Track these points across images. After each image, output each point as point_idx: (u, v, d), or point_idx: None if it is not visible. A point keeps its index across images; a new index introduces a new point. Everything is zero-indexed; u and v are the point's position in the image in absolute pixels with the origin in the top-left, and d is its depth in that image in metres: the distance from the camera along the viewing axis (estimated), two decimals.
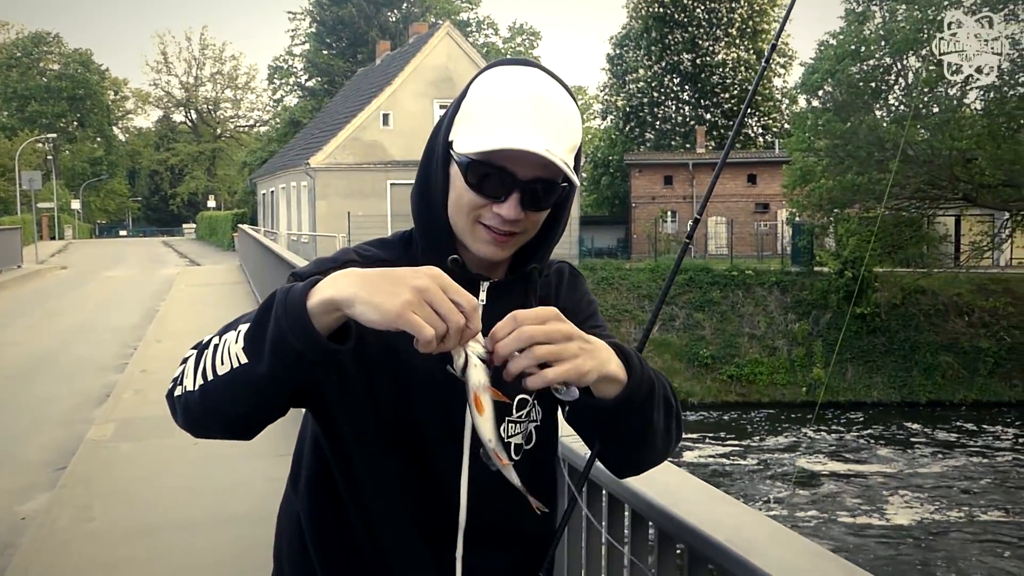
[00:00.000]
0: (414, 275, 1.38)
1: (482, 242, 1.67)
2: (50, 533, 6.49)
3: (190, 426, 1.57)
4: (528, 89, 1.62)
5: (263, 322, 1.42)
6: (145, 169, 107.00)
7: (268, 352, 1.41)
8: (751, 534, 1.74)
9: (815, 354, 31.43)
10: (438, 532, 1.71)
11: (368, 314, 1.36)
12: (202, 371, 1.49)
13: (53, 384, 12.88)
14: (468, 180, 1.62)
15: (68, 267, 38.38)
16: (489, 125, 1.60)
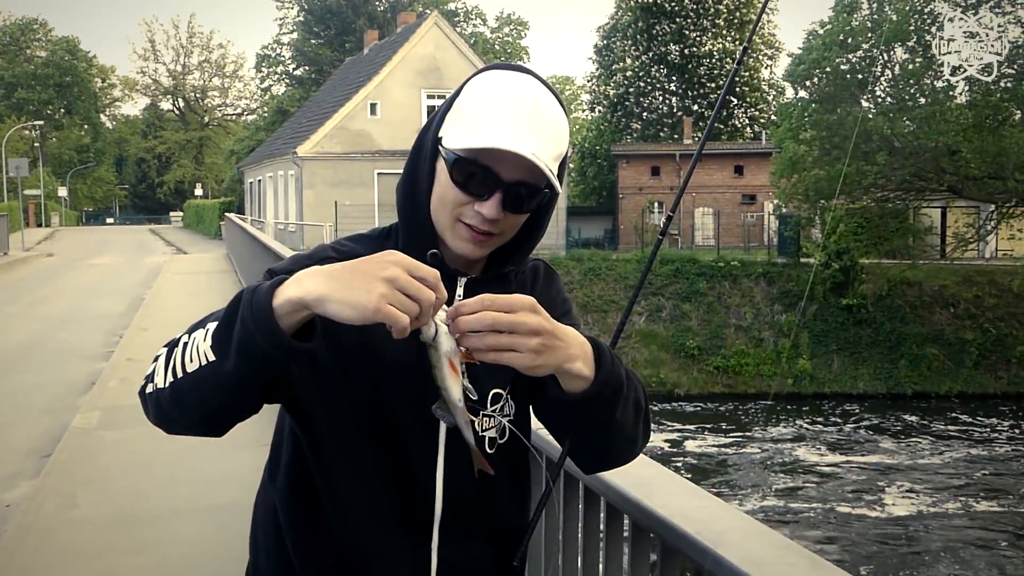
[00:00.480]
0: (380, 266, 1.40)
1: (461, 239, 1.69)
2: (34, 521, 6.50)
3: (162, 423, 1.59)
4: (520, 94, 1.65)
5: (230, 321, 1.44)
6: (132, 157, 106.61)
7: (235, 351, 1.43)
8: (721, 526, 1.77)
9: (801, 345, 31.52)
10: (414, 524, 1.73)
11: (344, 312, 1.38)
12: (172, 368, 1.51)
13: (38, 372, 12.86)
14: (453, 176, 1.64)
15: (54, 255, 38.27)
16: (478, 125, 1.62)
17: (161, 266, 30.34)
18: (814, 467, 23.51)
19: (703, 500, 1.93)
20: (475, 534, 1.78)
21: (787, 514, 20.10)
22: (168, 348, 1.56)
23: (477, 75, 1.73)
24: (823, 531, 19.07)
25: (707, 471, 23.19)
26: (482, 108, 1.64)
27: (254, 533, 1.90)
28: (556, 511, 2.39)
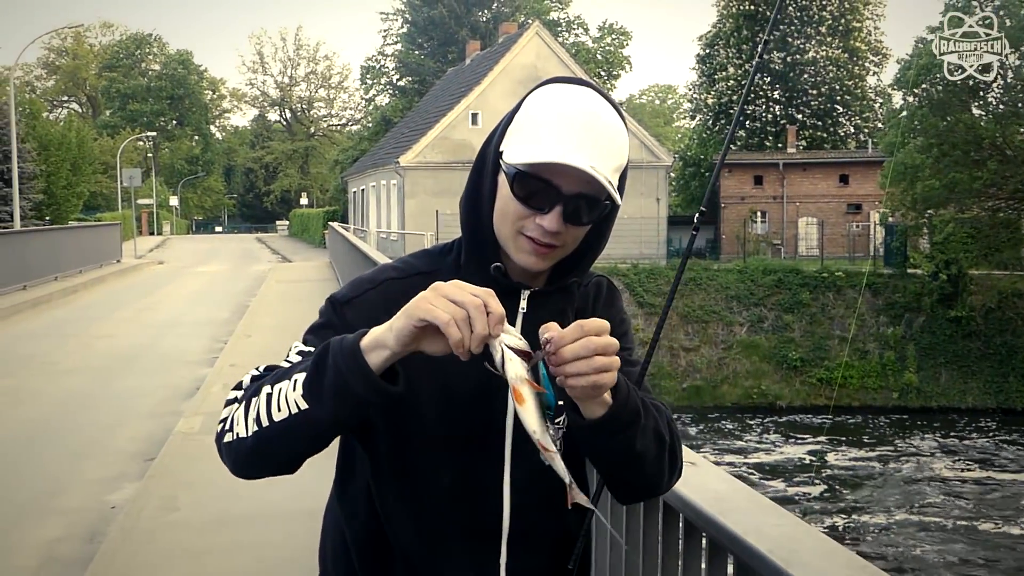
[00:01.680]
0: (432, 291, 1.49)
1: (523, 252, 1.70)
2: (136, 522, 6.67)
3: (240, 469, 1.65)
4: (579, 107, 1.67)
5: (321, 371, 1.51)
6: (240, 167, 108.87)
7: (329, 398, 1.50)
8: (796, 546, 1.74)
9: (907, 358, 30.82)
10: (482, 536, 1.76)
11: (401, 326, 1.48)
12: (255, 418, 1.56)
13: (145, 376, 13.20)
14: (514, 190, 1.66)
15: (164, 262, 39.26)
16: (538, 138, 1.64)
17: (266, 274, 30.91)
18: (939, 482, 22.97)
19: (780, 518, 1.89)
20: (540, 544, 1.81)
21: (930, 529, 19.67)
22: (245, 398, 1.60)
23: (537, 89, 1.75)
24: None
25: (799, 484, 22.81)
26: (541, 122, 1.66)
27: (323, 547, 1.95)
28: (606, 524, 2.41)
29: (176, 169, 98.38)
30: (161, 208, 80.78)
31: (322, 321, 1.71)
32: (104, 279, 28.81)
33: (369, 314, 1.66)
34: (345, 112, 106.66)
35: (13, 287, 22.82)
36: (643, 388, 1.77)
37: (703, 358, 31.79)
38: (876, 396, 30.34)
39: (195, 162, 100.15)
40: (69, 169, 46.49)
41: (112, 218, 47.92)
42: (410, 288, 1.63)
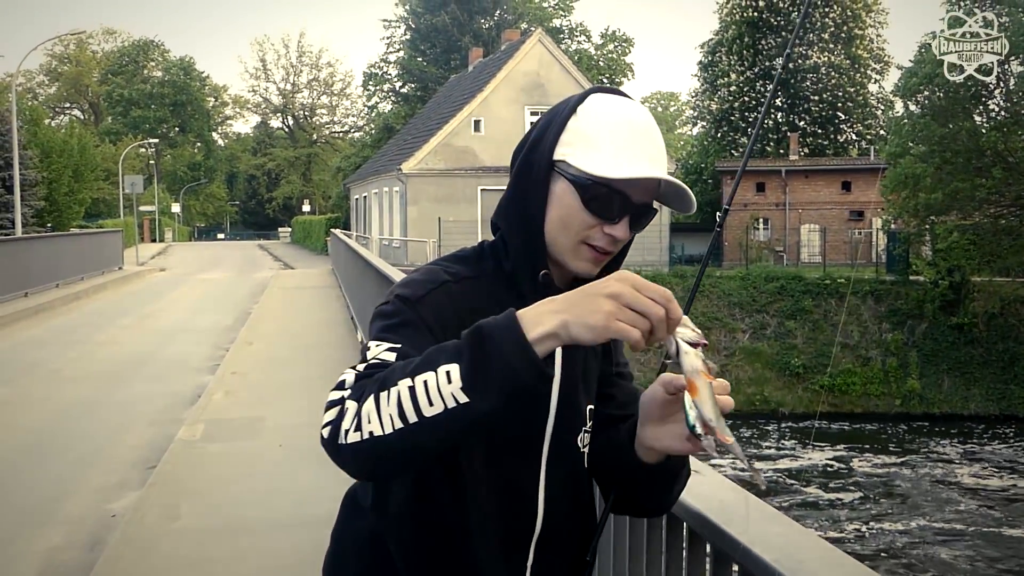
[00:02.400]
0: (604, 284, 1.46)
1: (583, 260, 1.75)
2: (137, 531, 6.66)
3: (371, 469, 1.54)
4: (639, 119, 1.74)
5: (482, 362, 1.45)
6: (243, 173, 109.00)
7: (495, 390, 1.45)
8: (801, 555, 1.72)
9: (910, 365, 30.80)
10: (516, 540, 1.79)
11: (582, 334, 1.45)
12: (397, 415, 1.46)
13: (146, 384, 13.19)
14: (585, 200, 1.70)
15: (166, 269, 39.28)
16: (613, 150, 1.69)
17: (268, 281, 30.92)
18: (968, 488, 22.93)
19: (785, 527, 1.88)
20: (562, 546, 1.85)
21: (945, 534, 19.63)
22: (368, 395, 1.50)
23: (588, 97, 1.77)
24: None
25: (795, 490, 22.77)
26: (608, 132, 1.71)
27: (339, 564, 1.90)
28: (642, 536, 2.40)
29: (178, 176, 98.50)
30: (163, 215, 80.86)
31: (400, 320, 1.64)
32: (106, 286, 28.81)
33: (439, 313, 1.66)
34: (347, 119, 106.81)
35: (14, 294, 22.82)
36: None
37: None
38: (879, 403, 30.30)
39: (197, 169, 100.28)
40: (71, 176, 46.50)
41: (114, 225, 47.92)
42: (468, 291, 1.71)
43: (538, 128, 1.79)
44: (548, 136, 1.75)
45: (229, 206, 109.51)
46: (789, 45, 2.16)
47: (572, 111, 1.75)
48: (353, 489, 1.91)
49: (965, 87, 30.86)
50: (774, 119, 57.81)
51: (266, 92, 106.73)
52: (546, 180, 1.73)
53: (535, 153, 1.76)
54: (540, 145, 1.75)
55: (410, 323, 1.63)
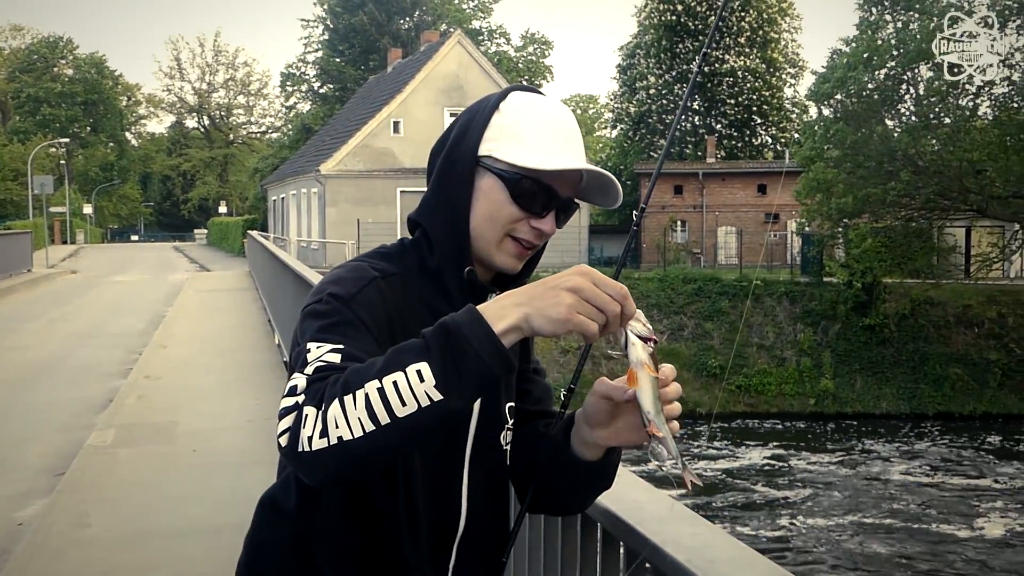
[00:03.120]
0: (565, 278, 1.51)
1: (508, 254, 1.78)
2: (45, 539, 6.49)
3: (338, 474, 1.49)
4: (562, 115, 1.79)
5: (453, 358, 1.45)
6: (157, 174, 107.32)
7: (470, 385, 1.46)
8: (713, 555, 1.72)
9: (823, 365, 31.33)
10: (441, 540, 1.79)
11: (543, 326, 1.48)
12: (368, 416, 1.43)
13: (56, 389, 12.89)
14: (513, 194, 1.72)
15: (78, 271, 38.47)
16: (540, 145, 1.72)
17: (183, 283, 30.46)
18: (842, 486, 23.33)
19: (697, 527, 1.88)
20: (481, 545, 1.86)
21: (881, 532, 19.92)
22: (331, 399, 1.46)
23: (510, 95, 1.80)
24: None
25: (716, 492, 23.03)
26: (532, 128, 1.74)
27: (257, 568, 1.85)
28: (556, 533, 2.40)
29: (90, 176, 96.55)
30: (74, 216, 79.21)
31: (337, 319, 1.60)
32: (14, 289, 28.11)
33: (372, 310, 1.65)
34: (265, 119, 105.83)
35: None
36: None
37: (624, 366, 31.81)
38: (794, 403, 30.77)
39: (110, 169, 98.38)
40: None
41: (23, 226, 46.77)
42: (396, 288, 1.70)
43: (459, 125, 1.80)
44: (471, 133, 1.76)
45: (143, 207, 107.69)
46: (704, 46, 2.22)
47: (494, 108, 1.77)
48: (271, 492, 1.86)
49: (877, 91, 31.53)
50: (691, 122, 58.48)
51: (181, 91, 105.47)
52: (471, 176, 1.74)
53: (459, 150, 1.76)
54: (463, 142, 1.76)
55: (348, 322, 1.61)
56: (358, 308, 1.63)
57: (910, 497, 22.53)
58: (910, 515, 21.18)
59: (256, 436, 9.20)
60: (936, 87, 30.66)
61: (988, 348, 31.22)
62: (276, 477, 1.88)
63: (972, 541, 19.57)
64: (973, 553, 18.91)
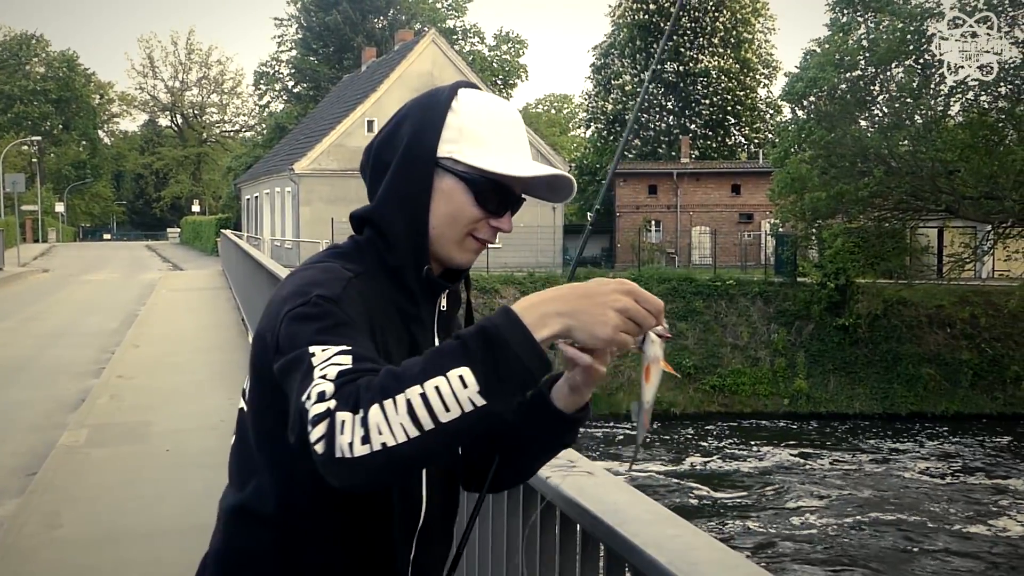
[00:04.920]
0: (612, 296, 1.53)
1: (468, 252, 1.81)
2: (16, 539, 6.43)
3: (378, 480, 1.48)
4: (514, 115, 1.82)
5: (500, 364, 1.46)
6: (130, 173, 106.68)
7: (511, 390, 1.47)
8: (695, 557, 1.71)
9: (797, 365, 31.47)
10: (405, 533, 1.78)
11: (585, 341, 1.54)
12: (412, 422, 1.42)
13: (28, 388, 12.78)
14: (477, 197, 1.75)
15: (50, 271, 38.21)
16: (502, 148, 1.76)
17: (156, 282, 30.30)
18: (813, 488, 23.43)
19: (678, 528, 1.87)
20: (439, 538, 1.88)
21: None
22: (369, 403, 1.43)
23: (459, 95, 1.79)
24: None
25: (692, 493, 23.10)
26: (491, 129, 1.77)
27: (229, 565, 1.81)
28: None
29: (63, 174, 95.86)
30: (46, 215, 78.64)
31: (334, 320, 1.57)
32: None
33: (357, 310, 1.63)
34: (238, 118, 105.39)
35: None
36: None
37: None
38: (768, 403, 30.89)
39: (83, 167, 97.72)
40: None
41: None
42: (365, 288, 1.68)
43: (410, 122, 1.79)
44: (428, 132, 1.76)
45: (116, 206, 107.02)
46: (660, 49, 2.27)
47: (447, 107, 1.77)
48: (240, 501, 1.79)
49: (850, 92, 31.69)
50: (666, 122, 58.65)
51: (154, 90, 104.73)
52: (430, 176, 1.75)
53: (416, 149, 1.76)
54: (420, 141, 1.76)
55: (344, 322, 1.58)
56: (347, 308, 1.61)
57: (887, 495, 22.67)
58: (886, 513, 21.31)
59: (229, 435, 9.10)
60: (908, 87, 30.85)
61: (960, 348, 31.45)
62: (235, 485, 1.82)
63: (949, 539, 19.72)
64: (956, 549, 19.06)
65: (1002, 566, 18.40)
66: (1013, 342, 31.40)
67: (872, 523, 20.64)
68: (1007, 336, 31.50)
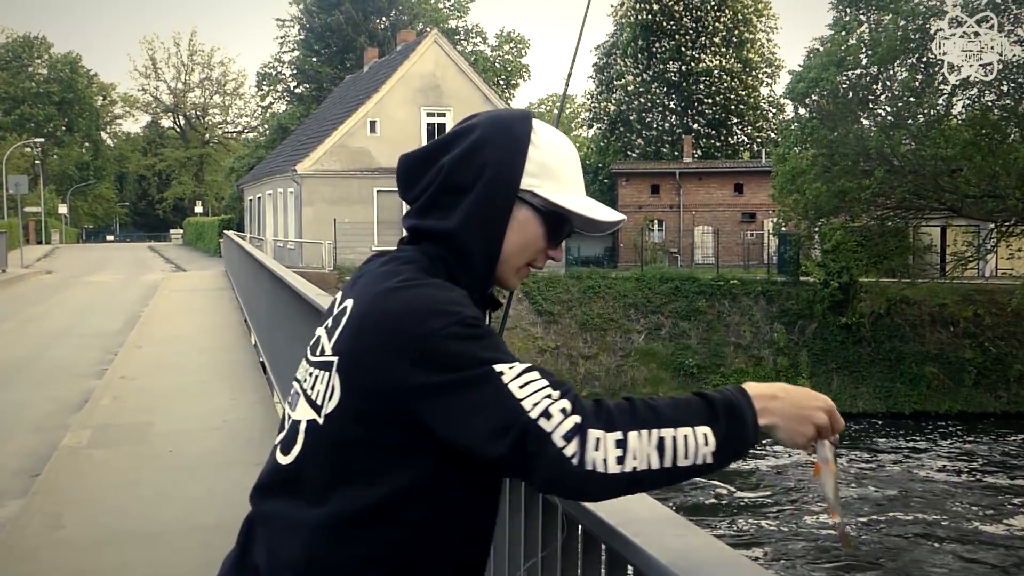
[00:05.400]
0: (817, 413, 1.75)
1: (520, 278, 1.91)
2: (19, 540, 6.41)
3: (610, 495, 1.68)
4: (575, 151, 1.95)
5: (730, 434, 1.66)
6: (133, 174, 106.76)
7: (732, 458, 1.68)
8: (698, 557, 1.69)
9: (800, 364, 31.44)
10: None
11: (783, 440, 1.73)
12: (658, 456, 1.63)
13: (30, 389, 12.76)
14: (548, 230, 1.86)
15: (53, 272, 38.22)
16: (573, 185, 1.88)
17: (159, 283, 30.29)
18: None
19: (682, 529, 1.85)
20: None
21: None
22: (632, 430, 1.62)
23: (536, 127, 1.87)
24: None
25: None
26: (567, 169, 1.87)
27: None
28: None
29: (66, 176, 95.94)
30: (49, 216, 78.72)
31: (495, 339, 1.70)
32: None
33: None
34: (241, 119, 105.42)
35: None
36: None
37: (601, 366, 32.05)
38: None
39: (85, 169, 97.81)
40: None
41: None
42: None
43: (491, 150, 1.82)
44: (514, 164, 1.82)
45: (119, 207, 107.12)
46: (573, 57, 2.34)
47: (528, 140, 1.83)
48: (332, 513, 1.73)
49: (852, 90, 31.66)
50: (668, 122, 58.61)
51: (156, 91, 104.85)
52: (511, 207, 1.82)
53: (502, 178, 1.81)
54: (507, 172, 1.81)
55: (501, 341, 1.72)
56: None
57: (893, 494, 22.65)
58: (895, 511, 21.29)
59: (232, 437, 9.14)
60: (910, 86, 30.81)
61: (963, 347, 31.42)
62: (309, 499, 1.76)
63: (960, 537, 19.69)
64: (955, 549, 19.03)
65: (1010, 566, 18.38)
66: (1016, 341, 31.37)
67: (882, 522, 20.61)
68: (1010, 335, 31.48)
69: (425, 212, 1.85)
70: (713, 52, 56.25)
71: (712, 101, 56.82)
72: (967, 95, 30.83)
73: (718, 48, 56.27)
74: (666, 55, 56.63)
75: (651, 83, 57.34)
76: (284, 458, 1.81)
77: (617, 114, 58.27)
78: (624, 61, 58.51)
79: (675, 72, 56.74)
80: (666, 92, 57.67)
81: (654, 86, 57.30)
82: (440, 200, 1.83)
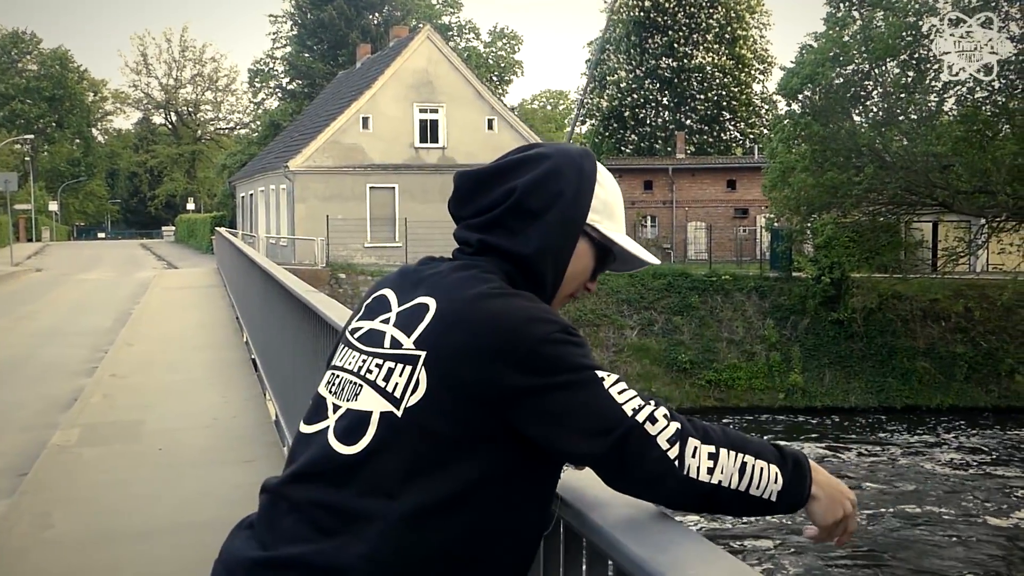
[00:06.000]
0: (848, 503, 1.83)
1: (561, 305, 2.02)
2: (7, 540, 6.38)
3: (683, 502, 1.79)
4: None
5: (795, 484, 1.79)
6: (124, 171, 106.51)
7: (790, 506, 1.79)
8: (678, 551, 1.69)
9: (792, 359, 31.49)
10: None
11: (814, 513, 1.82)
12: (738, 477, 1.75)
13: (20, 388, 12.72)
14: (598, 263, 2.01)
15: (43, 269, 38.14)
16: (623, 225, 2.04)
17: (150, 281, 30.23)
18: None
19: (662, 524, 1.85)
20: None
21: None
22: (722, 447, 1.76)
23: (598, 168, 1.99)
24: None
25: None
26: (620, 207, 2.03)
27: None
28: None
29: (57, 173, 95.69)
30: (40, 213, 78.52)
31: (589, 350, 1.81)
32: None
33: None
34: (233, 115, 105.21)
35: None
36: None
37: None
38: (763, 397, 30.91)
39: (76, 165, 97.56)
40: None
41: None
42: None
43: (565, 182, 1.93)
44: (583, 200, 1.94)
45: (110, 204, 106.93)
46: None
47: (594, 179, 1.97)
48: (414, 505, 1.75)
49: (845, 87, 31.67)
50: (661, 118, 58.62)
51: (148, 87, 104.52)
52: (577, 238, 1.95)
53: (575, 212, 1.93)
54: (579, 206, 1.94)
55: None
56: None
57: (885, 487, 22.68)
58: (887, 504, 21.32)
59: (223, 434, 9.12)
60: (903, 83, 30.84)
61: (955, 342, 31.49)
62: (384, 492, 1.76)
63: (951, 530, 19.73)
64: (953, 546, 19.06)
65: (1003, 558, 18.42)
66: (1007, 335, 31.45)
67: (875, 515, 20.64)
68: (1001, 329, 31.55)
69: (489, 228, 1.94)
70: (706, 48, 56.29)
71: (705, 97, 56.86)
72: (958, 92, 30.85)
73: (711, 44, 56.31)
74: (659, 51, 56.64)
75: (644, 79, 57.35)
76: (346, 448, 1.78)
77: (610, 110, 58.25)
78: (617, 57, 58.51)
79: (668, 68, 56.75)
80: (659, 88, 57.69)
81: (647, 82, 57.32)
82: (507, 220, 1.92)
